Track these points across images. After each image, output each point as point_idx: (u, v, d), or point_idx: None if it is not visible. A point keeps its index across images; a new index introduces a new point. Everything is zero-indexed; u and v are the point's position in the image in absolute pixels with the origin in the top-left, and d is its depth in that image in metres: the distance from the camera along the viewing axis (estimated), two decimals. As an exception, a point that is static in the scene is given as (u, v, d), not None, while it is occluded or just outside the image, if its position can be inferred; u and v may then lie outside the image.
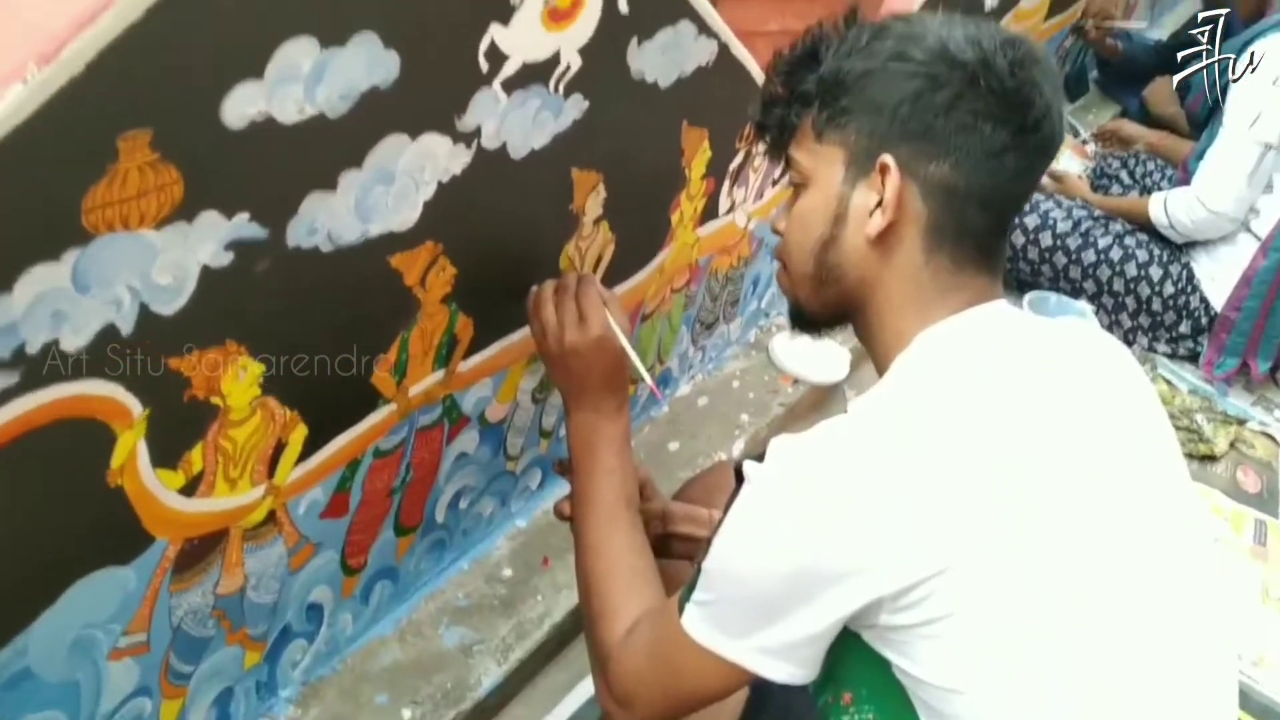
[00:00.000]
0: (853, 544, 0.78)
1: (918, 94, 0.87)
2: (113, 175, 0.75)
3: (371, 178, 0.97)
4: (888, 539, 0.77)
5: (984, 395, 0.85)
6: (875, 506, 0.78)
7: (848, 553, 0.78)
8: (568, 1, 1.07)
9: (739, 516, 0.84)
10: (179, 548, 0.99)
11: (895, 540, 0.77)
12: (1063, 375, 0.90)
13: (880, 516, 0.77)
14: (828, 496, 0.79)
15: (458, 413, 1.31)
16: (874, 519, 0.77)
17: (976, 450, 0.81)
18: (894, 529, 0.77)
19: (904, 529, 0.77)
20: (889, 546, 0.77)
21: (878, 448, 0.81)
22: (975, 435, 0.81)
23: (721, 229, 1.72)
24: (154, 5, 0.71)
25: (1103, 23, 3.29)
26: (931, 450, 0.80)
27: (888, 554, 0.77)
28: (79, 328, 0.79)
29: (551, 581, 1.49)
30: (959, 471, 0.79)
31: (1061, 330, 1.02)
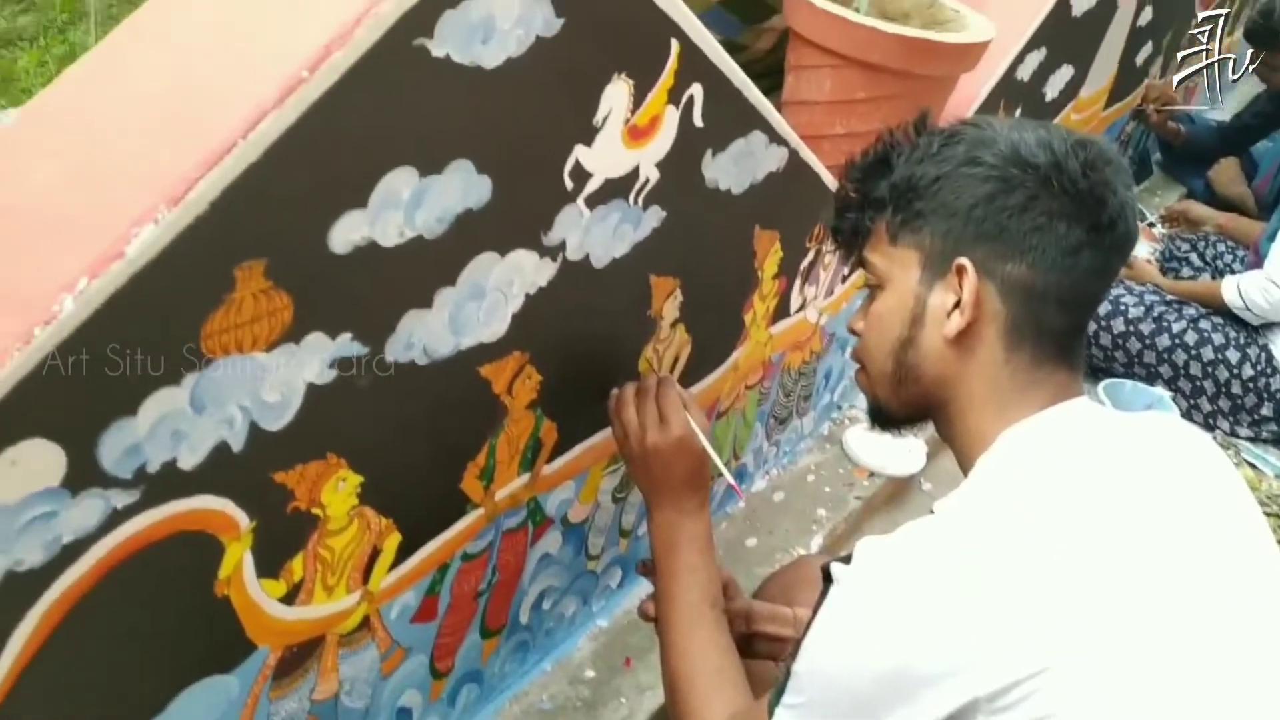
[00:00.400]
0: (948, 644, 0.78)
1: (991, 196, 0.90)
2: (230, 303, 0.80)
3: (464, 294, 1.01)
4: (983, 638, 0.77)
5: (1072, 494, 0.85)
6: (970, 605, 0.78)
7: (943, 653, 0.78)
8: (646, 119, 1.12)
9: (829, 618, 0.84)
10: (279, 655, 1.02)
11: (991, 639, 0.77)
12: (1149, 471, 0.90)
13: (975, 615, 0.78)
14: (920, 596, 0.80)
15: (541, 515, 1.33)
16: (969, 618, 0.78)
17: (1068, 548, 0.81)
18: (989, 628, 0.77)
19: (1000, 628, 0.77)
20: (985, 646, 0.77)
21: (969, 547, 0.82)
22: (1065, 534, 0.82)
23: (793, 326, 1.74)
24: (272, 146, 0.76)
25: (1163, 107, 3.30)
26: (1023, 549, 0.80)
27: (984, 653, 0.77)
28: (195, 446, 0.83)
29: (635, 683, 1.48)
30: (1052, 570, 0.79)
31: (1144, 424, 1.02)
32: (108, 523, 0.79)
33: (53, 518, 0.75)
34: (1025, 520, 0.83)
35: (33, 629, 0.78)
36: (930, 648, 0.79)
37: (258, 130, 0.75)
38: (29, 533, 0.74)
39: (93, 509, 0.77)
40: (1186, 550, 0.85)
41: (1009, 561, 0.80)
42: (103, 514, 0.78)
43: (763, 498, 1.89)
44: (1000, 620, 0.77)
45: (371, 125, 0.83)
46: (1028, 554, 0.80)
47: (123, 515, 0.80)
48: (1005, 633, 0.77)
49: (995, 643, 0.77)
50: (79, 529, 0.77)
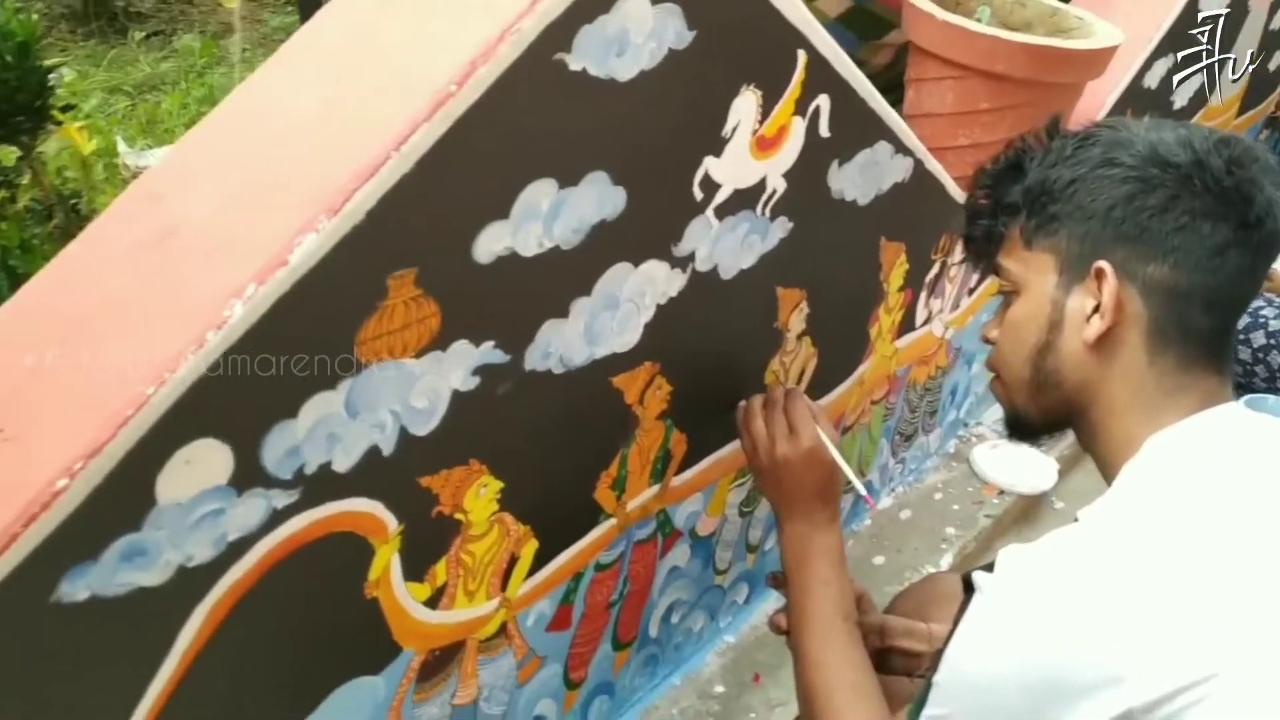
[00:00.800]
0: (1102, 652, 0.76)
1: (1130, 197, 0.88)
2: (383, 311, 0.83)
3: (599, 304, 1.03)
4: (1140, 645, 0.75)
5: (1228, 499, 0.82)
6: (1124, 612, 0.76)
7: (1096, 662, 0.76)
8: (774, 130, 1.13)
9: (973, 627, 0.83)
10: (423, 659, 1.05)
11: (1147, 647, 0.75)
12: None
13: (1131, 622, 0.76)
14: (1071, 603, 0.78)
15: (670, 527, 1.34)
16: (1124, 625, 0.76)
17: (1226, 553, 0.78)
18: (1147, 634, 0.75)
19: (1156, 635, 0.75)
20: (1142, 653, 0.75)
21: (1121, 553, 0.79)
22: (1223, 538, 0.79)
23: (919, 340, 1.72)
24: (423, 158, 0.79)
25: None
26: (1179, 554, 0.78)
27: (1141, 661, 0.75)
28: (349, 449, 0.86)
29: (764, 699, 1.48)
30: (1212, 575, 0.77)
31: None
32: (269, 522, 0.83)
33: (220, 515, 0.79)
34: (1179, 525, 0.80)
35: (201, 622, 0.81)
36: (1082, 657, 0.77)
37: (410, 143, 0.78)
38: (199, 529, 0.78)
39: (256, 508, 0.81)
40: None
41: (1165, 567, 0.78)
42: (265, 513, 0.82)
43: (890, 516, 1.87)
44: (1159, 626, 0.75)
45: (514, 138, 0.86)
46: (1184, 559, 0.78)
47: (282, 515, 0.83)
48: (1165, 639, 0.75)
49: (1154, 650, 0.75)
50: (243, 527, 0.81)
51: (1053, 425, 0.99)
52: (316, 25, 0.90)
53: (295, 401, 0.80)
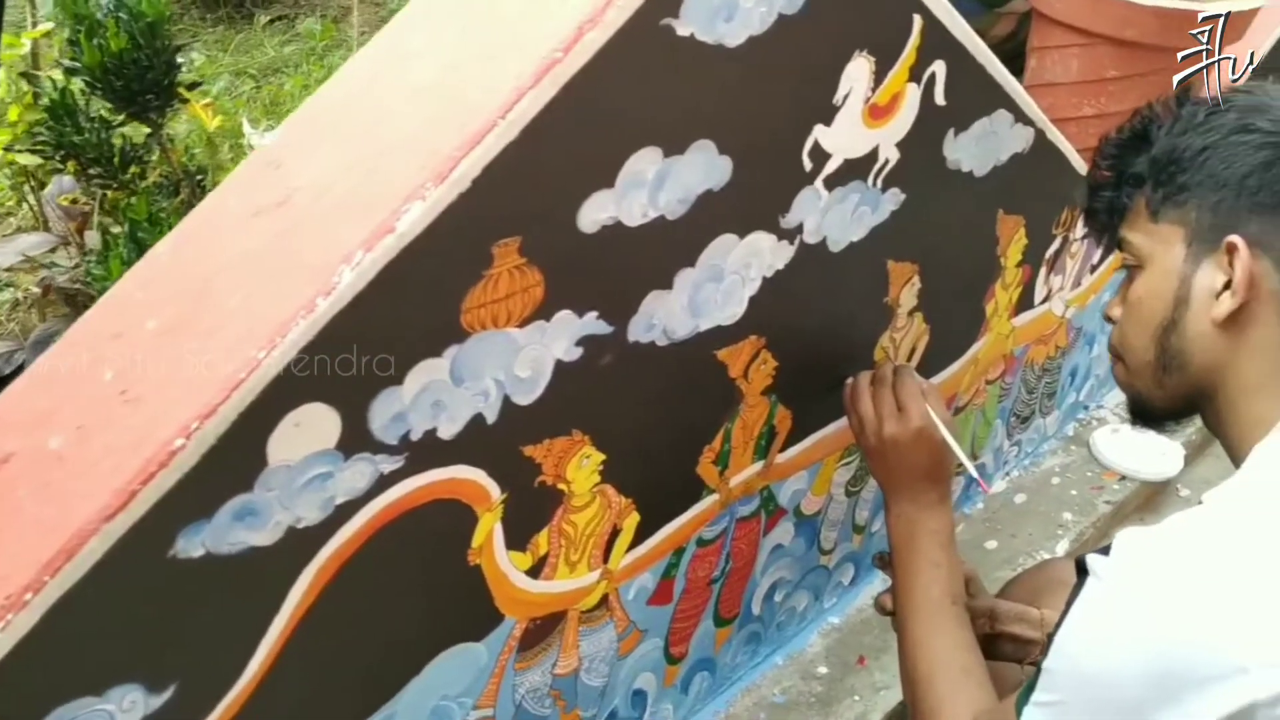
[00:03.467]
0: (1223, 642, 0.72)
1: (1268, 164, 0.83)
2: (488, 279, 0.83)
3: (704, 275, 1.02)
4: (1265, 636, 0.71)
5: None
6: (1249, 601, 0.72)
7: (1217, 652, 0.72)
8: (887, 98, 1.10)
9: (1087, 612, 0.80)
10: (524, 627, 1.06)
11: (1273, 637, 0.71)
12: None
13: (1255, 611, 0.72)
14: (1194, 590, 0.74)
15: (774, 504, 1.33)
16: (1248, 615, 0.72)
17: None
18: (1271, 625, 0.71)
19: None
20: (1266, 644, 0.71)
21: (1248, 539, 0.76)
22: None
23: (1037, 318, 1.66)
24: (529, 126, 0.79)
25: None
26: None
27: (1265, 652, 0.71)
28: (454, 416, 0.87)
29: (869, 681, 1.45)
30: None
31: None
32: (375, 487, 0.84)
33: (328, 479, 0.80)
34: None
35: (309, 583, 0.83)
36: (1204, 646, 0.73)
37: (516, 109, 0.78)
38: (308, 491, 0.79)
39: (362, 473, 0.82)
40: None
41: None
42: (371, 478, 0.83)
43: (1003, 499, 1.81)
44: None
45: (620, 105, 0.85)
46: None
47: (388, 480, 0.85)
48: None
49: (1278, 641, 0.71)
50: (350, 490, 0.82)
51: (1179, 411, 0.95)
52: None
53: (402, 368, 0.81)
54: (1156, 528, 0.79)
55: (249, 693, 0.83)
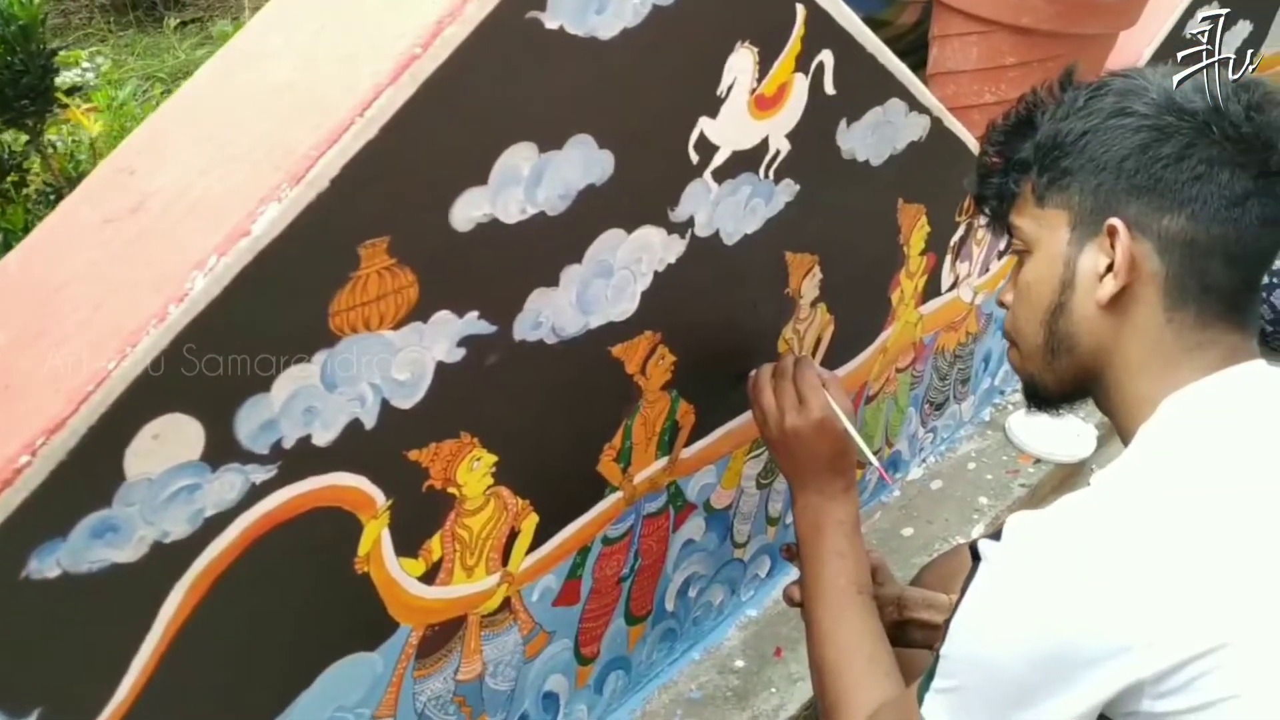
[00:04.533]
0: (1107, 623, 0.73)
1: (1144, 146, 0.84)
2: (355, 281, 0.81)
3: (591, 271, 1.00)
4: (1145, 615, 0.72)
5: (1247, 459, 0.79)
6: (1133, 580, 0.73)
7: (1102, 633, 0.73)
8: (774, 88, 1.09)
9: (979, 598, 0.80)
10: (421, 634, 1.04)
11: (1154, 616, 0.72)
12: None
13: (1140, 591, 0.73)
14: (1079, 572, 0.75)
15: (683, 500, 1.32)
16: (1132, 594, 0.73)
17: (1243, 517, 0.75)
18: (1153, 605, 0.72)
19: (1165, 604, 0.72)
20: (1147, 624, 0.72)
21: (1131, 519, 0.77)
22: (1239, 502, 0.76)
23: (946, 305, 1.68)
24: (389, 123, 0.77)
25: None
26: (1193, 519, 0.75)
27: (1146, 632, 0.72)
28: (329, 423, 0.85)
29: (785, 673, 1.45)
30: (1225, 540, 0.74)
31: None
32: (248, 497, 0.82)
33: (195, 491, 0.78)
34: (1193, 489, 0.77)
35: (183, 598, 0.81)
36: (1090, 627, 0.74)
37: (374, 107, 0.76)
38: (173, 505, 0.77)
39: (232, 483, 0.80)
40: None
41: (1176, 533, 0.75)
42: (242, 488, 0.81)
43: (920, 486, 1.82)
44: (1166, 596, 0.72)
45: (488, 101, 0.84)
46: (1197, 524, 0.75)
47: (262, 490, 0.83)
48: (1171, 609, 0.72)
49: (1160, 620, 0.72)
50: (220, 502, 0.80)
51: (1071, 393, 0.96)
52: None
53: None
54: (1044, 511, 0.80)
55: (122, 715, 0.80)
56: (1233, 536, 0.74)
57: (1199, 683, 0.71)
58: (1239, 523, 0.75)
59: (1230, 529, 0.74)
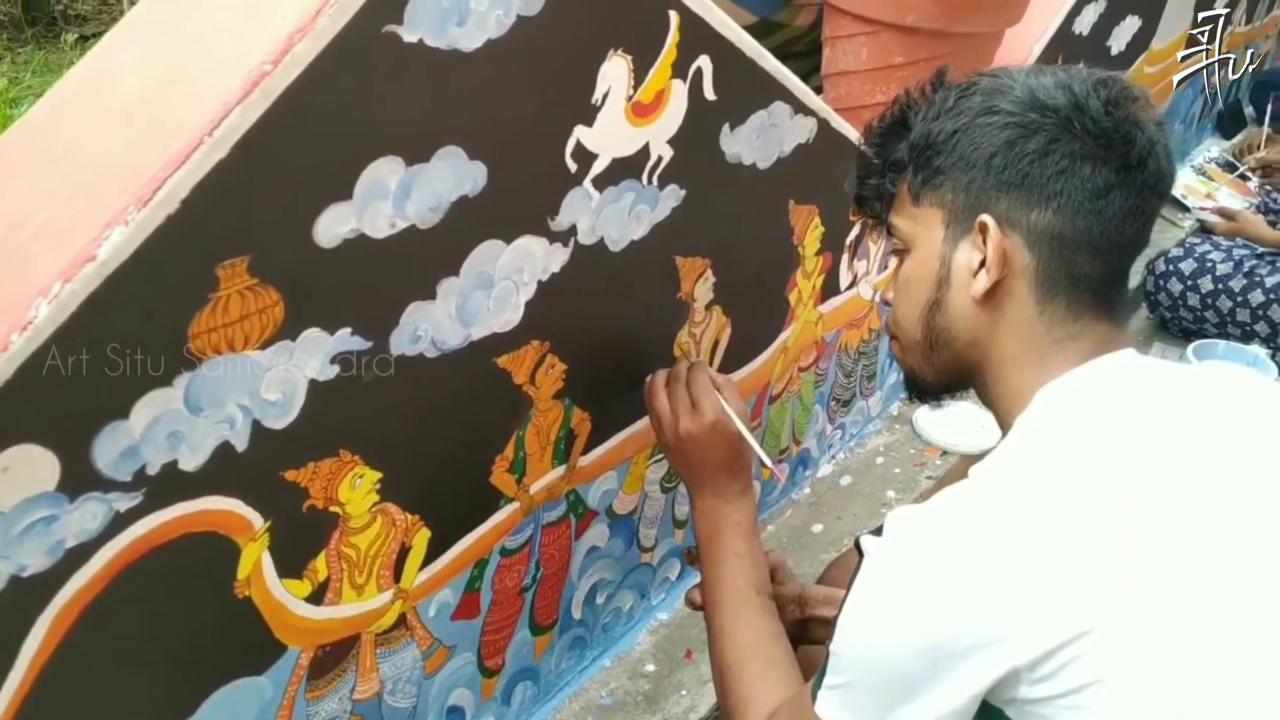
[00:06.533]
0: (981, 613, 0.75)
1: (1010, 143, 0.86)
2: (215, 302, 0.80)
3: (470, 283, 1.00)
4: (1017, 605, 0.74)
5: (1114, 449, 0.81)
6: (1002, 572, 0.75)
7: (976, 623, 0.75)
8: (651, 95, 1.10)
9: (862, 594, 0.82)
10: (312, 655, 1.02)
11: (1025, 605, 0.73)
12: (1201, 422, 0.85)
13: (1008, 582, 0.74)
14: (952, 566, 0.77)
15: (583, 507, 1.32)
16: (1001, 585, 0.74)
17: (1109, 506, 0.77)
18: (1023, 594, 0.74)
19: (1034, 593, 0.73)
20: (1019, 613, 0.73)
21: (1002, 511, 0.78)
22: (1107, 491, 0.78)
23: (846, 304, 1.70)
24: (240, 141, 0.76)
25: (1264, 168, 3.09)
26: (1060, 510, 0.77)
27: (1019, 621, 0.73)
28: (196, 447, 0.83)
29: (697, 675, 1.45)
30: (1092, 529, 0.75)
31: (1200, 375, 0.97)
32: (112, 526, 0.80)
33: (53, 522, 0.76)
34: (1063, 479, 0.79)
35: (45, 634, 0.79)
36: (966, 618, 0.75)
37: (224, 126, 0.75)
38: (29, 538, 0.75)
39: (93, 513, 0.78)
40: (1242, 504, 0.80)
41: (1045, 523, 0.76)
42: (105, 518, 0.79)
43: (829, 482, 1.84)
44: (1035, 585, 0.74)
45: (347, 116, 0.83)
46: (1065, 514, 0.77)
47: (127, 518, 0.81)
48: (1040, 598, 0.73)
49: (1030, 609, 0.73)
50: (81, 533, 0.78)
51: (951, 385, 0.98)
52: (143, 7, 0.87)
53: (126, 401, 0.78)
54: (923, 506, 0.82)
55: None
56: (1101, 524, 0.76)
57: (1068, 669, 0.73)
58: (1107, 510, 0.76)
59: (1098, 516, 0.76)
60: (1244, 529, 0.78)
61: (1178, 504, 0.78)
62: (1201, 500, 0.78)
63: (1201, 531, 0.77)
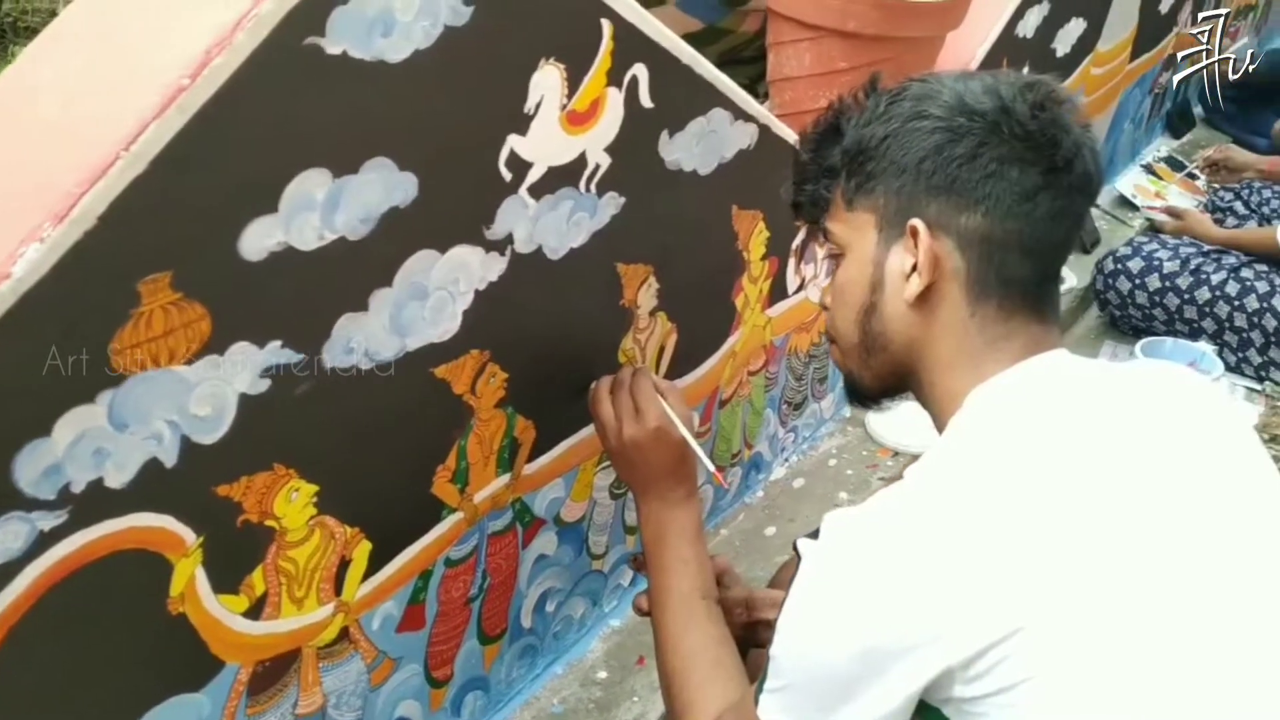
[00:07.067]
0: (913, 614, 0.75)
1: (939, 148, 0.87)
2: (138, 318, 0.79)
3: (404, 294, 1.00)
4: (949, 605, 0.74)
5: (1044, 449, 0.82)
6: (934, 573, 0.75)
7: (909, 623, 0.75)
8: (586, 104, 1.10)
9: (800, 597, 0.82)
10: (251, 670, 1.02)
11: (956, 606, 0.74)
12: (1132, 421, 0.86)
13: (940, 582, 0.75)
14: (884, 568, 0.77)
15: (530, 516, 1.32)
16: (933, 586, 0.75)
17: (1038, 505, 0.78)
18: (954, 594, 0.74)
19: (965, 593, 0.74)
20: (950, 613, 0.74)
21: (933, 512, 0.79)
22: (1036, 490, 0.79)
23: (794, 308, 1.70)
24: (159, 156, 0.75)
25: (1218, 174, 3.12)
26: (990, 509, 0.77)
27: (950, 621, 0.74)
28: (122, 464, 0.83)
29: (648, 681, 1.46)
30: (1020, 528, 0.76)
31: (1132, 374, 0.98)
32: (36, 545, 0.79)
33: (-27, 543, 0.75)
34: (993, 480, 0.80)
35: (-32, 656, 0.78)
36: (896, 620, 0.76)
37: (140, 141, 0.74)
38: (-51, 559, 0.74)
39: (16, 533, 0.78)
40: (1171, 501, 0.81)
41: (975, 524, 0.77)
42: (28, 537, 0.79)
43: (782, 485, 1.85)
44: (965, 585, 0.75)
45: (270, 129, 0.83)
46: (995, 514, 0.77)
47: (52, 537, 0.80)
48: (971, 598, 0.74)
49: (961, 609, 0.74)
50: (5, 552, 0.78)
51: (889, 389, 0.99)
52: (64, 20, 0.86)
53: (47, 418, 0.77)
54: (859, 507, 0.82)
55: (-88, 782, 0.77)
56: (1030, 523, 0.77)
57: (1000, 667, 0.73)
58: (1036, 509, 0.77)
59: (1028, 516, 0.77)
60: (1171, 527, 0.79)
61: (1106, 502, 0.79)
62: (1130, 499, 0.80)
63: (1129, 529, 0.78)
